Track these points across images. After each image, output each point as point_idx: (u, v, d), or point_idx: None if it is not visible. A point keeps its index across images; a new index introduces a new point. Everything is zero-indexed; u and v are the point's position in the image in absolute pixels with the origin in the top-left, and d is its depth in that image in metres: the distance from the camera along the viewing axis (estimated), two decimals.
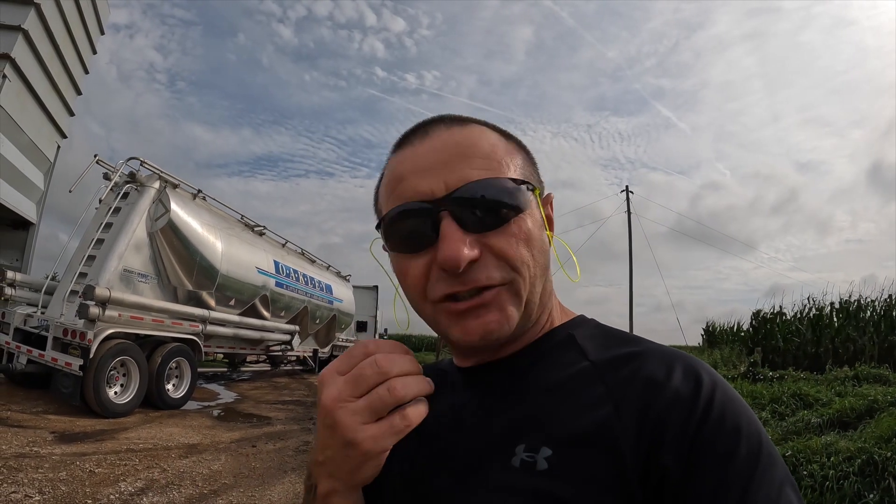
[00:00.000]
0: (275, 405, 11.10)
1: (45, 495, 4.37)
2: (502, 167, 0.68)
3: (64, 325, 7.74)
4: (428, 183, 0.66)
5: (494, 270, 0.64)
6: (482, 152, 0.68)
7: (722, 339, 17.72)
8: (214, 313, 10.64)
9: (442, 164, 0.66)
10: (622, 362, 0.64)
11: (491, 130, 0.73)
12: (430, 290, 0.67)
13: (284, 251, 14.60)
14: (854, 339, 12.45)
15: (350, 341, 19.88)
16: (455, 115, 0.74)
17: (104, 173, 9.47)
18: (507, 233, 0.65)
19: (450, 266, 0.62)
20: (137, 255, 9.22)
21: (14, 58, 8.59)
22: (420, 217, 0.66)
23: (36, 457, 5.29)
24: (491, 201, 0.65)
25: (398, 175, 0.70)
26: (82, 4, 10.75)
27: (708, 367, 0.62)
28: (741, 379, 10.35)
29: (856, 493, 4.47)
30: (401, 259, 0.70)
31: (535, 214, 0.70)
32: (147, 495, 4.73)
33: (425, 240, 0.66)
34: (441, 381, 0.83)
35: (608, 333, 0.73)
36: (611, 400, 0.60)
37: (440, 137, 0.69)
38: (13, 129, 9.14)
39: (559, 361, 0.69)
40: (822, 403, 7.19)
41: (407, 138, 0.73)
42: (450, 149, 0.68)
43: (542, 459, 0.59)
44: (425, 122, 0.74)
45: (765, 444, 0.55)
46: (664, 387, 0.59)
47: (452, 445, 0.70)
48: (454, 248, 0.62)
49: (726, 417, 0.56)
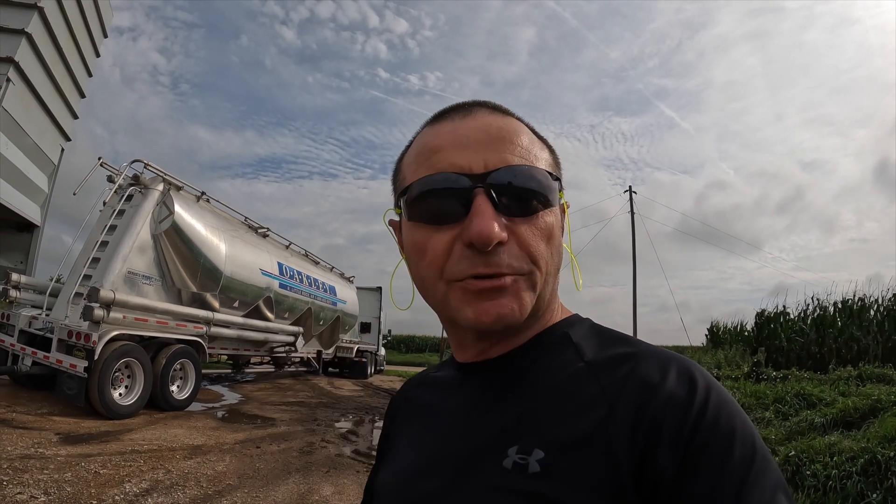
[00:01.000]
0: (279, 406, 11.11)
1: (50, 496, 4.39)
2: (538, 161, 0.68)
3: (68, 327, 7.76)
4: (467, 158, 0.65)
5: (516, 259, 0.64)
6: (522, 142, 0.68)
7: (726, 339, 17.69)
8: (218, 315, 10.65)
9: (482, 144, 0.66)
10: (617, 363, 0.63)
11: (527, 128, 0.73)
12: (450, 268, 0.65)
13: (288, 253, 14.63)
14: (858, 338, 12.42)
15: (354, 342, 19.90)
16: (498, 103, 0.74)
17: (108, 176, 9.49)
18: (533, 224, 0.65)
19: (481, 241, 0.61)
20: (141, 257, 9.24)
21: (17, 61, 8.62)
22: (453, 190, 0.65)
23: (41, 458, 5.31)
24: (526, 189, 0.65)
25: (434, 146, 0.69)
26: (85, 7, 10.79)
27: (702, 369, 0.62)
28: (745, 379, 10.34)
29: (859, 493, 4.47)
30: (422, 231, 0.68)
31: (558, 214, 0.70)
32: (152, 496, 4.75)
33: (454, 214, 0.65)
34: (436, 384, 0.84)
35: (603, 333, 0.72)
36: (605, 401, 0.59)
37: (483, 119, 0.69)
38: (17, 132, 9.18)
39: (554, 362, 0.68)
40: (825, 403, 7.17)
41: (447, 114, 0.73)
42: (493, 131, 0.68)
43: (534, 461, 0.59)
44: (468, 103, 0.73)
45: (759, 448, 0.55)
46: (659, 388, 0.58)
47: (446, 446, 0.70)
48: (488, 225, 0.61)
49: (721, 420, 0.55)
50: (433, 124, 0.73)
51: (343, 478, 6.18)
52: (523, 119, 0.74)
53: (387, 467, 0.84)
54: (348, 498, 5.48)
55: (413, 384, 0.93)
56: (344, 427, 9.73)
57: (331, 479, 6.05)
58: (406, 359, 38.56)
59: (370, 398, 14.57)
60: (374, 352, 22.29)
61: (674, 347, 22.04)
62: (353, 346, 19.64)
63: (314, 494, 5.44)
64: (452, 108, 0.73)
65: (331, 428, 9.39)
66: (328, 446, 7.79)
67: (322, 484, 5.82)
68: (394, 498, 0.74)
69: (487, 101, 0.74)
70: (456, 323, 0.70)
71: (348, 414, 11.34)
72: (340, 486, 5.82)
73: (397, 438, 0.86)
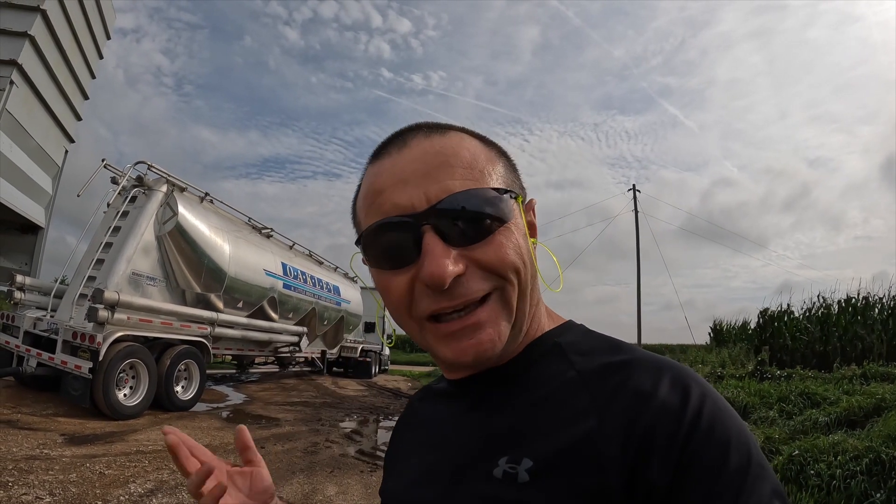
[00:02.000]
0: (283, 406, 11.13)
1: (55, 497, 4.41)
2: (484, 176, 0.66)
3: (73, 329, 7.79)
4: (408, 195, 0.64)
5: (481, 281, 0.62)
6: (463, 161, 0.65)
7: (729, 337, 17.64)
8: (223, 315, 10.69)
9: (422, 175, 0.64)
10: (609, 372, 0.62)
11: (471, 137, 0.70)
12: (415, 306, 0.65)
13: (292, 253, 14.64)
14: (862, 336, 12.36)
15: (358, 342, 19.90)
16: (433, 122, 0.72)
17: (112, 177, 9.52)
18: (492, 244, 0.63)
19: (434, 283, 0.60)
20: (146, 258, 9.26)
21: (21, 64, 8.68)
22: (401, 232, 0.64)
23: (46, 459, 5.34)
24: (474, 213, 0.63)
25: (376, 188, 0.67)
26: (88, 9, 10.82)
27: (698, 377, 0.61)
28: (749, 378, 10.32)
29: (863, 493, 4.46)
30: (382, 275, 0.68)
31: (519, 223, 0.67)
32: (157, 496, 4.77)
33: (407, 255, 0.64)
34: (436, 396, 0.85)
35: (596, 340, 0.71)
36: (595, 412, 0.59)
37: (419, 146, 0.67)
38: (21, 134, 9.23)
39: (545, 372, 0.68)
40: (829, 402, 7.15)
41: (384, 148, 0.70)
42: (429, 158, 0.65)
43: (524, 471, 0.59)
44: (403, 131, 0.71)
45: (754, 456, 0.54)
46: (651, 398, 0.57)
47: (440, 458, 0.71)
48: (438, 265, 0.60)
49: (715, 429, 0.55)
50: (374, 162, 0.71)
51: (347, 478, 6.19)
52: (466, 128, 0.72)
53: (392, 476, 0.85)
54: (352, 498, 5.49)
55: (418, 397, 0.94)
56: (348, 427, 9.75)
57: (335, 479, 6.07)
58: (411, 358, 38.47)
59: (374, 398, 14.59)
60: (378, 351, 22.29)
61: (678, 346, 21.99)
62: (358, 346, 19.68)
63: (318, 494, 5.45)
64: (389, 140, 0.71)
65: (335, 428, 9.41)
66: (332, 446, 7.80)
67: (326, 484, 5.83)
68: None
69: (423, 124, 0.71)
70: (438, 358, 0.70)
71: (353, 414, 11.37)
72: (345, 486, 5.83)
73: (402, 449, 0.87)
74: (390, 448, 0.93)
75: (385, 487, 0.85)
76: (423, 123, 0.71)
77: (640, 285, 27.07)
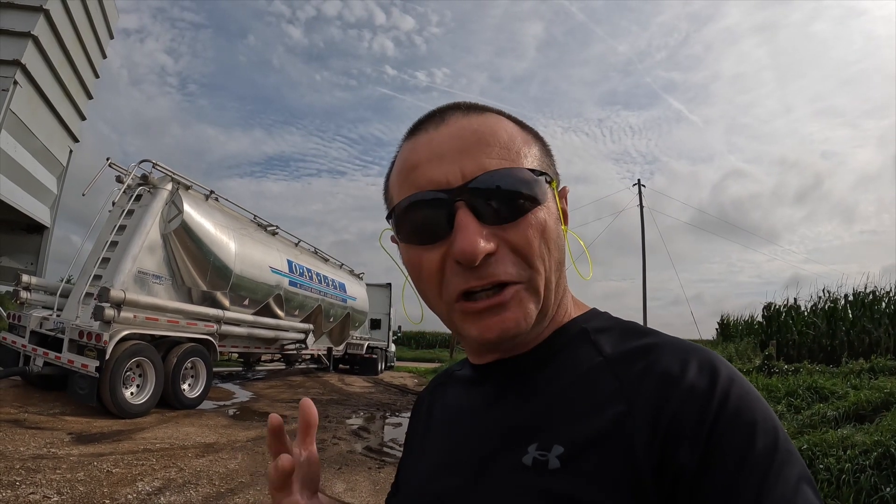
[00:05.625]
0: (290, 404, 11.15)
1: (63, 496, 4.42)
2: (520, 157, 0.66)
3: (79, 328, 7.81)
4: (443, 171, 0.64)
5: (511, 266, 0.62)
6: (500, 141, 0.66)
7: (736, 332, 17.61)
8: (229, 313, 10.71)
9: (458, 152, 0.64)
10: (636, 357, 0.62)
11: (508, 119, 0.70)
12: (446, 286, 0.65)
13: (297, 250, 14.66)
14: (869, 331, 12.35)
15: (364, 339, 19.94)
16: (472, 102, 0.72)
17: (117, 176, 9.56)
18: (523, 226, 0.63)
19: (466, 259, 0.60)
20: (151, 256, 9.29)
21: (24, 64, 8.67)
22: (434, 207, 0.64)
23: (54, 458, 5.35)
24: (508, 192, 0.63)
25: (412, 163, 0.67)
26: (91, 9, 10.81)
27: (724, 360, 0.60)
28: (756, 372, 10.30)
29: (872, 487, 4.44)
30: (413, 251, 0.68)
31: (552, 207, 0.67)
32: (164, 494, 4.78)
33: (440, 231, 0.64)
34: (459, 382, 0.84)
35: (622, 326, 0.70)
36: (624, 396, 0.59)
37: (457, 124, 0.67)
38: (26, 135, 9.24)
39: (572, 357, 0.68)
40: (837, 396, 7.12)
41: (422, 124, 0.70)
42: (467, 136, 0.65)
43: (554, 458, 0.58)
44: (441, 109, 0.71)
45: (781, 440, 0.54)
46: (679, 382, 0.57)
47: (466, 445, 0.70)
48: (470, 241, 0.60)
49: (742, 412, 0.54)
50: (410, 138, 0.71)
51: (355, 474, 6.20)
52: (504, 111, 0.72)
53: (411, 463, 0.85)
54: (360, 494, 5.50)
55: (438, 381, 0.93)
56: (355, 424, 9.76)
57: (342, 476, 6.07)
58: (417, 355, 38.57)
59: (381, 394, 14.61)
60: (384, 348, 22.36)
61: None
62: (364, 343, 19.72)
63: (326, 491, 5.43)
64: (427, 117, 0.71)
65: (342, 425, 9.43)
66: (339, 443, 7.82)
67: (334, 481, 5.83)
68: (416, 494, 0.75)
69: (461, 103, 0.71)
70: (464, 338, 0.69)
71: (359, 410, 11.38)
72: (352, 483, 5.83)
73: (421, 435, 0.86)
74: (409, 433, 0.92)
75: (403, 474, 0.85)
76: (462, 102, 0.72)
77: (645, 280, 27.04)
